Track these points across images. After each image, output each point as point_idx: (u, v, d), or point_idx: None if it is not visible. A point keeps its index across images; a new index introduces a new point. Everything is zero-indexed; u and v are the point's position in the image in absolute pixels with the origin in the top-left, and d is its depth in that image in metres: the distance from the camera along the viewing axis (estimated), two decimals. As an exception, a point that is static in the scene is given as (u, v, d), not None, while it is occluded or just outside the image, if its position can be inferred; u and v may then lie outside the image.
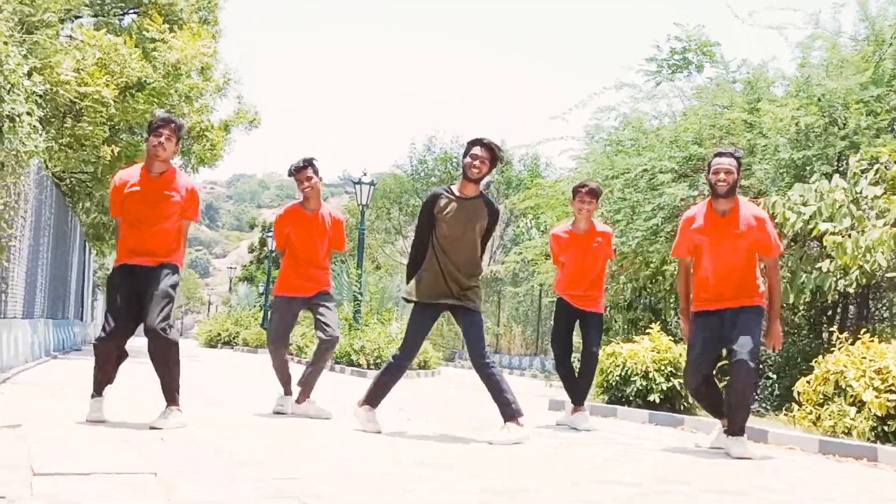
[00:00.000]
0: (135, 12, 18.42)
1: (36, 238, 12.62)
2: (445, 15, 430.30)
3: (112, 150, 15.52)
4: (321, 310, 7.28)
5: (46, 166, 12.75)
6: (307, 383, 7.34)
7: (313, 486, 3.99)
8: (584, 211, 7.75)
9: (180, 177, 6.06)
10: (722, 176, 6.18)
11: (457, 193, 6.29)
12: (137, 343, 6.52)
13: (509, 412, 6.10)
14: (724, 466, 5.66)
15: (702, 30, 12.79)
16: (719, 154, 6.33)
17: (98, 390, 5.96)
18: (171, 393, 5.91)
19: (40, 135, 8.25)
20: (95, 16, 17.11)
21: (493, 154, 6.23)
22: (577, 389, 7.84)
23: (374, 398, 6.39)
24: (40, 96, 9.70)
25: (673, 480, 4.90)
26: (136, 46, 15.15)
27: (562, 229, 7.96)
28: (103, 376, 5.95)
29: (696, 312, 6.35)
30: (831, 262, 8.65)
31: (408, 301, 6.36)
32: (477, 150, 6.19)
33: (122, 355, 6.08)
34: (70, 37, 14.78)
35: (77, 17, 15.94)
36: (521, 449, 5.86)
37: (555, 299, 8.11)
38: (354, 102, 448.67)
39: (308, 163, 7.36)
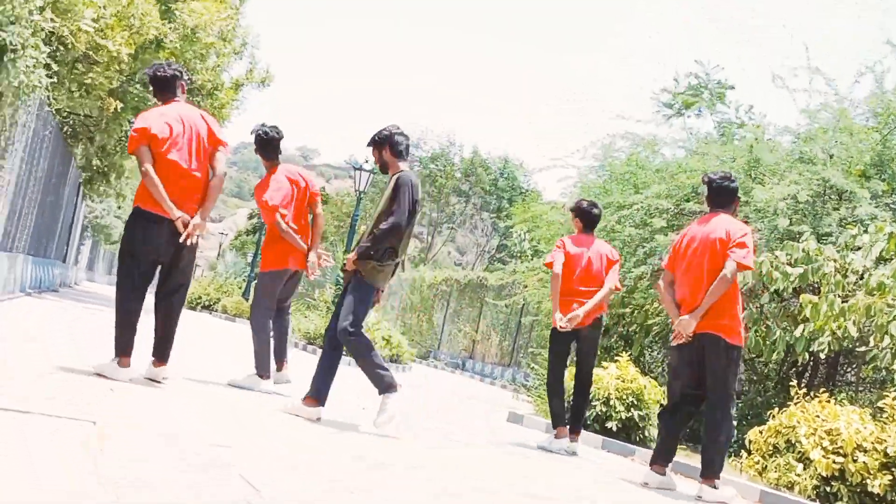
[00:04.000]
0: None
1: (27, 172, 12.59)
2: (464, 12, 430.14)
3: (116, 104, 15.51)
4: None
5: (49, 104, 12.73)
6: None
7: (245, 457, 4.00)
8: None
9: None
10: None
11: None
12: (101, 289, 6.52)
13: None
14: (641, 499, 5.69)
15: (720, 70, 12.88)
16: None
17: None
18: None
19: (44, 71, 8.24)
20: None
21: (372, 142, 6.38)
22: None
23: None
24: (52, 33, 9.70)
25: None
26: (157, 2, 15.14)
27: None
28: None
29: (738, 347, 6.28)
30: (805, 325, 8.66)
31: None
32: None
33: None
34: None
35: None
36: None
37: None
38: (365, 91, 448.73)
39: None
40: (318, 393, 6.04)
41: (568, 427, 7.69)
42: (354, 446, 5.18)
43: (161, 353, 6.03)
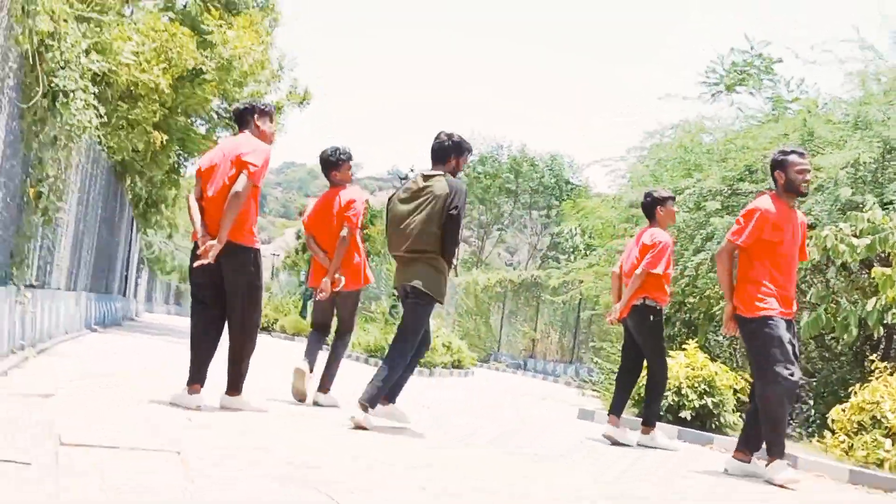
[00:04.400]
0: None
1: (84, 212, 12.83)
2: (515, 24, 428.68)
3: (161, 138, 15.76)
4: None
5: (100, 142, 12.96)
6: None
7: (328, 473, 4.01)
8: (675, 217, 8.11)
9: None
10: (808, 176, 6.26)
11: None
12: (161, 318, 6.63)
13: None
14: (736, 489, 5.59)
15: (767, 46, 12.64)
16: (799, 153, 6.29)
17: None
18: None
19: (95, 111, 8.39)
20: (155, -1, 17.30)
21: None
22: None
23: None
24: (97, 74, 9.87)
25: (681, 495, 4.84)
26: (193, 33, 15.34)
27: (669, 239, 7.77)
28: None
29: (769, 317, 6.05)
30: (877, 298, 8.43)
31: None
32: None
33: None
34: (131, 21, 14.96)
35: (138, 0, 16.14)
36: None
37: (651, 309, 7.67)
38: (406, 100, 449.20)
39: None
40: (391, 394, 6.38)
41: (619, 417, 7.70)
42: (355, 446, 5.18)
43: (229, 381, 6.13)
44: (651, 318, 7.58)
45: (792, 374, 5.88)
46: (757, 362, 6.06)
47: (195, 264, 5.86)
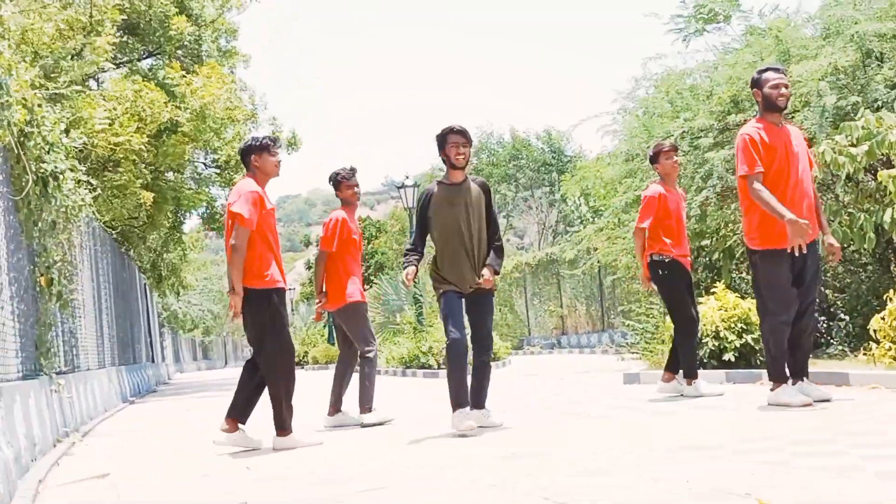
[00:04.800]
0: (156, 55, 18.71)
1: (97, 288, 12.87)
2: (451, 16, 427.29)
3: (150, 197, 15.82)
4: None
5: (97, 218, 13.01)
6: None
7: (398, 495, 4.00)
8: (678, 166, 7.89)
9: None
10: (783, 90, 6.08)
11: (448, 183, 6.35)
12: (192, 377, 6.67)
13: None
14: (801, 420, 5.56)
15: None
16: (774, 69, 6.19)
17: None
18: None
19: (86, 189, 8.41)
20: (118, 66, 17.35)
21: (469, 136, 6.30)
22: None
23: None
24: (79, 151, 9.90)
25: (756, 439, 4.81)
26: (159, 88, 15.39)
27: (658, 190, 7.61)
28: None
29: (769, 251, 5.96)
30: (892, 206, 8.36)
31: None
32: (455, 137, 6.24)
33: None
34: (99, 91, 15.00)
35: (103, 71, 16.19)
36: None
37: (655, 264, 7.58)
38: (386, 112, 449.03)
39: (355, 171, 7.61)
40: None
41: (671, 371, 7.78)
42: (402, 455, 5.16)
43: (274, 424, 6.19)
44: (660, 272, 7.50)
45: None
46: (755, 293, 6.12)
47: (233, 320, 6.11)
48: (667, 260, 7.45)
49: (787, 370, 6.09)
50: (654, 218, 7.49)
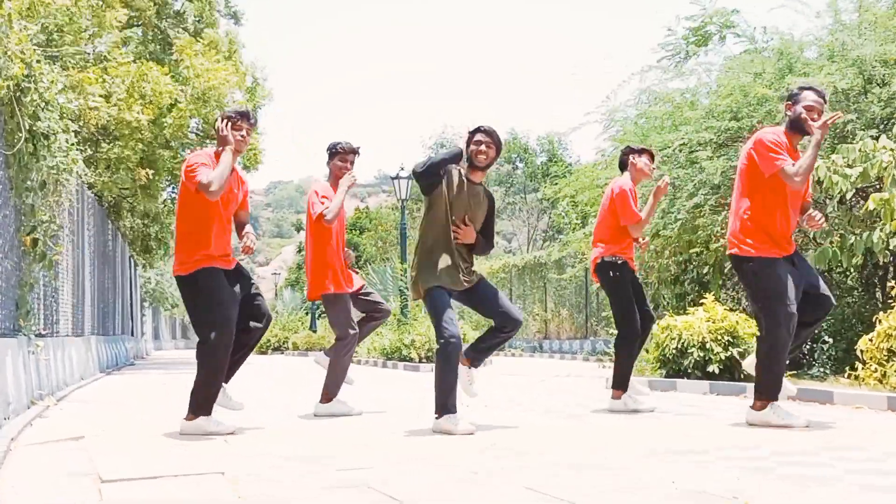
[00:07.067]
0: (160, 43, 18.71)
1: (81, 255, 12.74)
2: (450, 14, 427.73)
3: (147, 173, 15.72)
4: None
5: (88, 185, 12.90)
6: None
7: (379, 474, 3.95)
8: (647, 170, 7.39)
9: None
10: (816, 116, 5.74)
11: (467, 177, 6.07)
12: (171, 354, 6.55)
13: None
14: (786, 431, 5.53)
15: (716, 1, 12.52)
16: (818, 92, 5.87)
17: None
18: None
19: (79, 149, 8.31)
20: (125, 43, 17.20)
21: (498, 139, 6.02)
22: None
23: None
24: (75, 113, 9.79)
25: (741, 447, 4.79)
26: (162, 66, 15.36)
27: (629, 184, 7.25)
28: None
29: (764, 258, 5.78)
30: (882, 227, 8.37)
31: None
32: (481, 136, 5.96)
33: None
34: (103, 67, 14.83)
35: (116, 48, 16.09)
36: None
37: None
38: (378, 104, 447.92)
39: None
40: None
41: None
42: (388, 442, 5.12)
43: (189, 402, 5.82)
44: (611, 273, 7.13)
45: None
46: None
47: None
48: (619, 262, 7.13)
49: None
50: (614, 217, 7.21)
